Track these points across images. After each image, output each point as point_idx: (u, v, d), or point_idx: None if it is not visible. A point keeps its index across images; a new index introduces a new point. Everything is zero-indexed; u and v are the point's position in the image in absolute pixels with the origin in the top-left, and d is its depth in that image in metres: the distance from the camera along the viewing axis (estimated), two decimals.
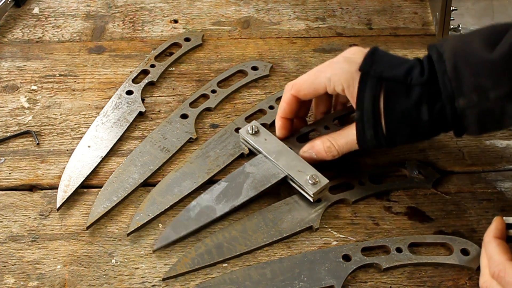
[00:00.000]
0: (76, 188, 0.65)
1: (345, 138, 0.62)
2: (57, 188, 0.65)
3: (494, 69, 0.55)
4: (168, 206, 0.64)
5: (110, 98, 0.76)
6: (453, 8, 0.79)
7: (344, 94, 0.61)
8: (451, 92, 0.56)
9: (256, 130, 0.67)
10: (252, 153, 0.69)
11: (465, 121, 0.57)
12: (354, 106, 0.60)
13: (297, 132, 0.68)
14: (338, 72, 0.60)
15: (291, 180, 0.64)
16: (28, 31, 0.86)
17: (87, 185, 0.67)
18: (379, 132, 0.59)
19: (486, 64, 0.55)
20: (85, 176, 0.67)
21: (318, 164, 0.64)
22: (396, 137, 0.60)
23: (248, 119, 0.72)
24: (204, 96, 0.76)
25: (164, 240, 0.61)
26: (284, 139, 0.67)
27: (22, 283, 0.58)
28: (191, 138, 0.71)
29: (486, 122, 0.57)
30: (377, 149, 0.63)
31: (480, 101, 0.56)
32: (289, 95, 0.65)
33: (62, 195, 0.65)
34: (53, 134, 0.72)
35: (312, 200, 0.63)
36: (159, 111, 0.75)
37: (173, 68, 0.81)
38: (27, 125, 0.73)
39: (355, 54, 0.61)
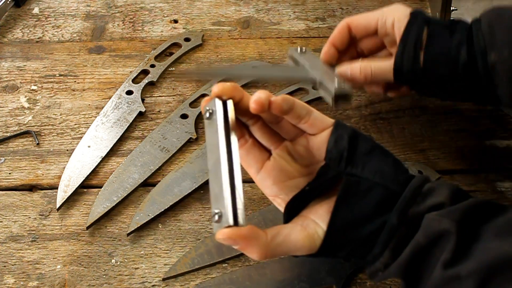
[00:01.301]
0: (76, 188, 0.65)
1: (382, 64, 0.63)
2: (57, 188, 0.65)
3: None
4: (168, 206, 0.64)
5: (110, 98, 0.76)
6: (453, 8, 0.79)
7: (392, 31, 0.63)
8: (483, 47, 0.58)
9: (305, 51, 0.68)
10: None
11: (496, 79, 0.58)
12: (398, 42, 0.62)
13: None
14: (393, 9, 0.63)
15: (321, 83, 0.64)
16: (28, 31, 0.86)
17: (87, 185, 0.67)
18: (417, 65, 0.60)
19: None
20: (85, 176, 0.67)
21: None
22: (432, 73, 0.61)
23: None
24: (204, 96, 0.76)
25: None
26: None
27: (22, 283, 0.58)
28: (191, 138, 0.71)
29: None
30: (410, 84, 0.64)
31: (510, 56, 0.57)
32: (343, 23, 0.66)
33: (62, 195, 0.65)
34: (53, 134, 0.72)
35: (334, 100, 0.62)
36: (159, 111, 0.75)
37: (173, 68, 0.81)
38: (27, 125, 0.73)
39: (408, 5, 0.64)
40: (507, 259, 0.43)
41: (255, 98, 0.47)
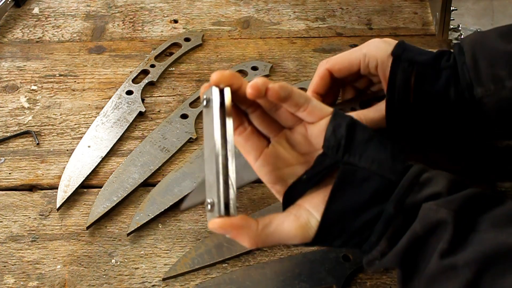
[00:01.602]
0: (76, 188, 0.65)
1: (375, 114, 0.62)
2: (57, 188, 0.65)
3: (510, 60, 0.57)
4: (168, 206, 0.64)
5: (110, 98, 0.76)
6: (453, 8, 0.79)
7: (376, 73, 0.62)
8: (469, 81, 0.59)
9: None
10: None
11: (484, 110, 0.59)
12: (385, 85, 0.61)
13: None
14: (373, 50, 0.62)
15: None
16: (28, 31, 0.86)
17: (87, 185, 0.67)
18: (407, 112, 0.60)
19: (503, 55, 0.58)
20: (85, 176, 0.67)
21: None
22: (423, 115, 0.61)
23: None
24: None
25: (191, 201, 0.63)
26: None
27: (22, 283, 0.58)
28: (191, 138, 0.71)
29: (504, 111, 0.59)
30: (405, 127, 0.62)
31: (496, 90, 0.58)
32: (323, 69, 0.64)
33: (62, 195, 0.65)
34: (53, 134, 0.72)
35: None
36: (159, 111, 0.75)
37: (173, 68, 0.81)
38: (27, 125, 0.73)
39: (387, 40, 0.63)
40: (503, 249, 0.43)
41: (252, 84, 0.47)
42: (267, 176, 0.52)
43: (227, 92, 0.47)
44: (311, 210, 0.49)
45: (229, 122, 0.46)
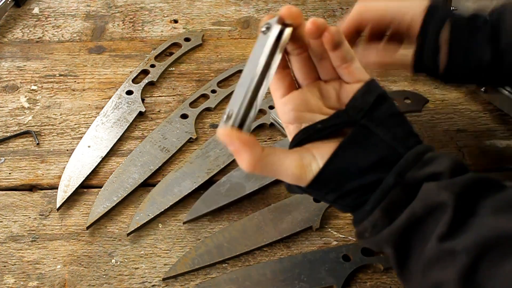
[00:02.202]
0: (76, 188, 0.65)
1: (400, 57, 0.59)
2: (57, 188, 0.65)
3: None
4: (168, 206, 0.64)
5: (110, 98, 0.76)
6: (453, 8, 0.79)
7: (407, 23, 0.59)
8: (509, 44, 0.56)
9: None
10: None
11: None
12: (415, 37, 0.58)
13: None
14: (410, 2, 0.60)
15: None
16: (28, 31, 0.86)
17: (87, 185, 0.67)
18: (438, 61, 0.58)
19: None
20: (85, 176, 0.67)
21: None
22: (454, 69, 0.59)
23: None
24: (204, 96, 0.76)
25: (194, 213, 0.63)
26: None
27: (22, 283, 0.58)
28: (191, 138, 0.71)
29: None
30: (430, 77, 0.61)
31: None
32: (356, 15, 0.61)
33: (62, 195, 0.65)
34: (53, 134, 0.72)
35: None
36: (159, 111, 0.75)
37: (173, 68, 0.81)
38: (27, 125, 0.73)
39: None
40: (503, 234, 0.42)
41: (313, 20, 0.47)
42: (287, 115, 0.52)
43: (288, 31, 0.47)
44: (316, 155, 0.49)
45: (277, 58, 0.47)
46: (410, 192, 0.46)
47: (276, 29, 0.46)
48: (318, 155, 0.49)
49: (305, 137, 0.50)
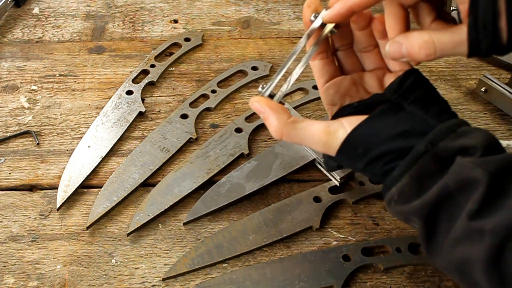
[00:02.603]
0: (76, 188, 0.65)
1: (452, 37, 0.47)
2: (57, 188, 0.65)
3: None
4: (168, 206, 0.64)
5: (110, 98, 0.76)
6: (453, 8, 0.79)
7: None
8: None
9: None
10: (251, 153, 0.69)
11: None
12: (465, 11, 0.47)
13: None
14: None
15: (319, 163, 0.67)
16: (28, 31, 0.86)
17: (87, 185, 0.67)
18: (498, 35, 0.46)
19: None
20: (85, 176, 0.67)
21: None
22: None
23: (248, 119, 0.72)
24: (204, 96, 0.76)
25: (194, 214, 0.63)
26: None
27: (22, 283, 0.58)
28: (191, 138, 0.71)
29: None
30: (491, 54, 0.49)
31: None
32: None
33: (62, 195, 0.65)
34: (53, 134, 0.72)
35: (338, 184, 0.65)
36: (159, 111, 0.75)
37: (173, 68, 0.81)
38: (27, 125, 0.73)
39: None
40: None
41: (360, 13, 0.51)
42: (330, 97, 0.55)
43: (329, 27, 0.52)
44: (345, 124, 0.50)
45: (316, 45, 0.52)
46: (441, 163, 0.45)
47: (318, 21, 0.51)
48: (347, 123, 0.50)
49: (340, 112, 0.52)
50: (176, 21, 0.88)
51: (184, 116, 0.73)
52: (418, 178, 0.46)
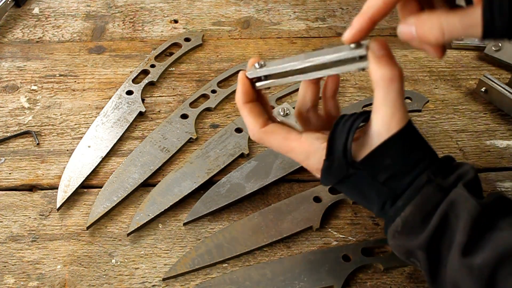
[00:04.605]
0: (76, 188, 0.65)
1: (462, 19, 0.45)
2: (57, 188, 0.65)
3: None
4: (168, 206, 0.64)
5: (110, 98, 0.76)
6: None
7: None
8: None
9: (287, 112, 0.67)
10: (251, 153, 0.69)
11: None
12: None
13: None
14: None
15: None
16: (28, 31, 0.86)
17: (87, 185, 0.67)
18: None
19: None
20: (85, 176, 0.67)
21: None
22: None
23: None
24: (204, 96, 0.76)
25: (194, 214, 0.63)
26: None
27: (22, 283, 0.58)
28: (191, 138, 0.71)
29: None
30: (503, 38, 0.47)
31: None
32: None
33: (62, 195, 0.65)
34: (53, 134, 0.72)
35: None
36: (159, 111, 0.75)
37: (173, 68, 0.81)
38: (27, 125, 0.73)
39: None
40: None
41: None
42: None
43: (366, 64, 0.48)
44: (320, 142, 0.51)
45: (337, 71, 0.49)
46: (443, 192, 0.47)
47: (360, 52, 0.48)
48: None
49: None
50: (176, 21, 0.88)
51: (184, 116, 0.73)
52: (421, 207, 0.47)
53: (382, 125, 0.47)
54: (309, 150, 0.51)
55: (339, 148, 0.48)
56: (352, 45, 0.48)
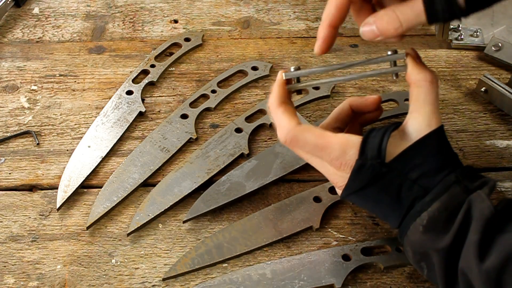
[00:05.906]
0: (76, 188, 0.65)
1: (412, 8, 0.50)
2: (57, 188, 0.65)
3: None
4: (168, 206, 0.64)
5: (110, 98, 0.76)
6: None
7: None
8: None
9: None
10: (251, 153, 0.69)
11: None
12: None
13: None
14: None
15: None
16: (28, 31, 0.86)
17: (87, 185, 0.67)
18: (454, 4, 0.48)
19: None
20: (85, 176, 0.67)
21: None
22: (476, 6, 0.48)
23: (248, 119, 0.72)
24: (204, 96, 0.76)
25: (194, 212, 0.63)
26: None
27: (22, 283, 0.58)
28: (191, 138, 0.71)
29: None
30: (449, 20, 0.50)
31: None
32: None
33: (62, 195, 0.65)
34: (53, 134, 0.72)
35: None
36: (159, 111, 0.75)
37: (173, 68, 0.81)
38: (27, 125, 0.73)
39: None
40: None
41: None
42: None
43: (402, 69, 0.55)
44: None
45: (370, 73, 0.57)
46: (468, 193, 0.49)
47: (398, 57, 0.55)
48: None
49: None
50: (176, 21, 0.88)
51: (184, 116, 0.73)
52: (447, 205, 0.49)
53: (423, 121, 0.51)
54: (347, 144, 0.52)
55: (373, 147, 0.51)
56: (389, 52, 0.54)
